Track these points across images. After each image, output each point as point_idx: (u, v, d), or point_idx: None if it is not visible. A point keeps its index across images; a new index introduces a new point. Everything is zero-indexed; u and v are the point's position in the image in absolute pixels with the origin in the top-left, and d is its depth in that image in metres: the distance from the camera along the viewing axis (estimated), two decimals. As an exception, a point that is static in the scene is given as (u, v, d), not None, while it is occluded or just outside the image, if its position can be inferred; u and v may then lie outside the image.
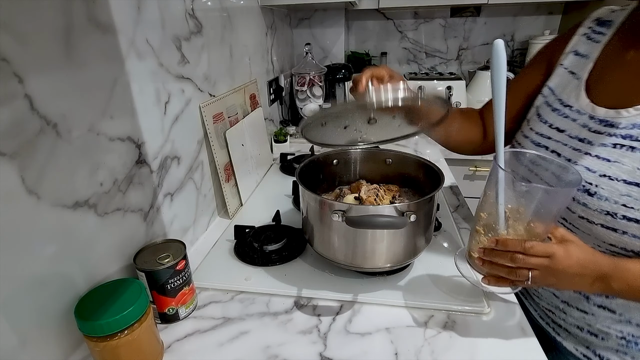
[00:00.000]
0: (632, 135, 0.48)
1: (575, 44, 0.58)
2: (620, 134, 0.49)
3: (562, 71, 0.59)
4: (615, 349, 0.59)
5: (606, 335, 0.59)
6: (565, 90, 0.57)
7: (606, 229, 0.50)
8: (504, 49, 0.42)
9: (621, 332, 0.57)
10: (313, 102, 1.44)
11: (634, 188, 0.47)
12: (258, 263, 0.71)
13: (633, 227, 0.47)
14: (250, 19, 1.11)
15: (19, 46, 0.40)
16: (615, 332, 0.58)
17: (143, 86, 0.61)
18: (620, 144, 0.49)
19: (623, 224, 0.48)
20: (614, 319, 0.57)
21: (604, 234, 0.50)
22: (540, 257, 0.44)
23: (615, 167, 0.49)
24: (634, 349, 0.57)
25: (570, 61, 0.58)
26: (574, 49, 0.58)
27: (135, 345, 0.47)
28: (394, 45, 1.85)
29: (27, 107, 0.42)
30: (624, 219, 0.48)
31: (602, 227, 0.50)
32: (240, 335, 0.56)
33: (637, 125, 0.48)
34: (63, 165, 0.47)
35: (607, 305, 0.57)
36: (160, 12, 0.65)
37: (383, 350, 0.53)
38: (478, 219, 0.52)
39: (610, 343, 0.59)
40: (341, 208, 0.56)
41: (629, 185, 0.47)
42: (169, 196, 0.70)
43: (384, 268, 0.62)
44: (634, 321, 0.56)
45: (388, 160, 0.79)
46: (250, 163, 1.02)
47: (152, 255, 0.56)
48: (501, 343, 0.54)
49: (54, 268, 0.47)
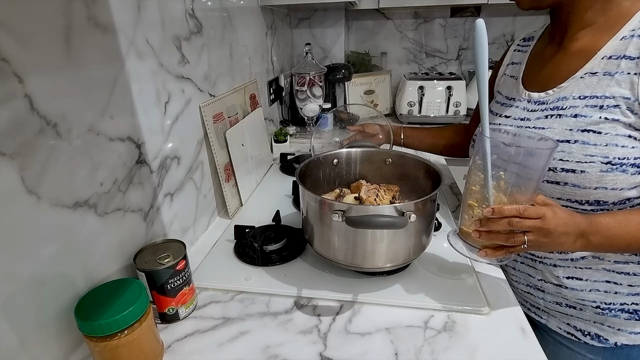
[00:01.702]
0: (557, 106, 0.61)
1: (511, 57, 0.77)
2: (549, 107, 0.62)
3: (505, 78, 0.76)
4: (593, 321, 0.66)
5: (583, 306, 0.66)
6: (509, 89, 0.73)
7: (550, 184, 0.60)
8: (485, 29, 0.48)
9: (594, 302, 0.64)
10: (313, 102, 1.44)
11: (565, 144, 0.57)
12: (258, 263, 0.71)
13: (570, 177, 0.57)
14: (250, 19, 1.11)
15: (19, 46, 0.40)
16: (589, 303, 0.65)
17: (143, 86, 0.61)
18: (550, 114, 0.62)
19: (562, 175, 0.58)
20: (584, 287, 0.64)
21: (550, 188, 0.60)
22: (534, 218, 0.49)
23: (549, 131, 0.60)
24: (609, 315, 0.64)
25: (510, 70, 0.76)
26: (511, 61, 0.76)
27: (135, 345, 0.47)
28: (394, 45, 1.85)
29: (27, 107, 0.42)
30: (562, 171, 0.58)
31: (547, 182, 0.60)
32: (240, 335, 0.56)
33: (560, 99, 0.61)
34: (63, 165, 0.47)
35: (574, 274, 0.65)
36: (160, 12, 0.65)
37: (383, 350, 0.53)
38: (469, 194, 0.55)
39: (587, 314, 0.66)
40: (341, 208, 0.56)
41: (561, 142, 0.57)
42: (169, 196, 0.70)
43: (384, 268, 0.62)
44: (601, 288, 0.63)
45: (388, 160, 0.80)
46: (250, 163, 1.02)
47: (152, 255, 0.56)
48: (501, 343, 0.54)
49: (54, 268, 0.47)
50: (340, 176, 0.81)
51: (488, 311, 0.59)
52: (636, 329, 0.63)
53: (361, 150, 0.81)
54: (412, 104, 1.58)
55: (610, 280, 0.63)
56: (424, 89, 1.57)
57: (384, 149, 0.81)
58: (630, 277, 0.61)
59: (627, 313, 0.63)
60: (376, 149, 0.82)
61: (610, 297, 0.63)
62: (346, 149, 0.82)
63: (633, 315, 0.63)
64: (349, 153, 0.81)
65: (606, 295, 0.63)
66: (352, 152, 0.81)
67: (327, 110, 1.48)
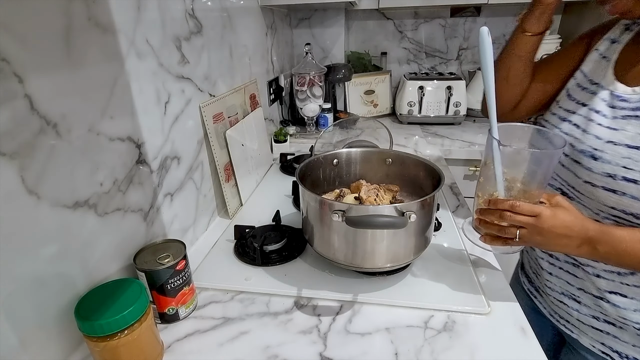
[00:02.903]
0: (639, 107, 0.52)
1: (613, 32, 0.62)
2: (630, 107, 0.53)
3: (596, 56, 0.62)
4: (632, 344, 0.59)
5: (623, 325, 0.58)
6: (596, 71, 0.61)
7: (607, 191, 0.53)
8: (489, 35, 0.48)
9: (638, 323, 0.57)
10: (313, 102, 1.44)
11: (635, 151, 0.51)
12: (258, 263, 0.71)
13: (631, 188, 0.51)
14: (250, 19, 1.11)
15: (19, 46, 0.40)
16: (632, 324, 0.57)
17: (143, 86, 0.61)
18: (628, 115, 0.53)
19: (622, 184, 0.51)
20: (628, 305, 0.57)
21: (605, 196, 0.54)
22: (527, 215, 0.50)
23: (620, 133, 0.53)
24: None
25: (605, 47, 0.62)
26: (611, 37, 0.62)
27: (135, 345, 0.47)
28: (394, 45, 1.85)
29: (27, 107, 0.42)
30: (623, 180, 0.51)
31: (604, 189, 0.54)
32: (240, 335, 0.56)
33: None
34: (63, 165, 0.47)
35: (618, 290, 0.58)
36: (160, 12, 0.65)
37: (383, 350, 0.53)
38: (478, 185, 0.59)
39: (627, 336, 0.59)
40: (341, 208, 0.56)
41: (630, 149, 0.51)
42: (169, 196, 0.70)
43: (384, 268, 0.62)
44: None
45: (388, 160, 0.79)
46: (250, 163, 1.02)
47: (152, 255, 0.56)
48: (501, 343, 0.54)
49: (54, 268, 0.47)
50: (340, 176, 0.81)
51: (488, 311, 0.59)
52: None
53: (361, 150, 0.81)
54: (412, 104, 1.58)
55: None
56: (424, 89, 1.57)
57: (384, 149, 0.81)
58: None
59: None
60: (376, 149, 0.82)
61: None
62: (346, 149, 0.82)
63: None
64: (349, 153, 0.81)
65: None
66: (352, 152, 0.81)
67: (327, 110, 1.49)
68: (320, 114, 1.49)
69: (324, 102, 1.48)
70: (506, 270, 0.75)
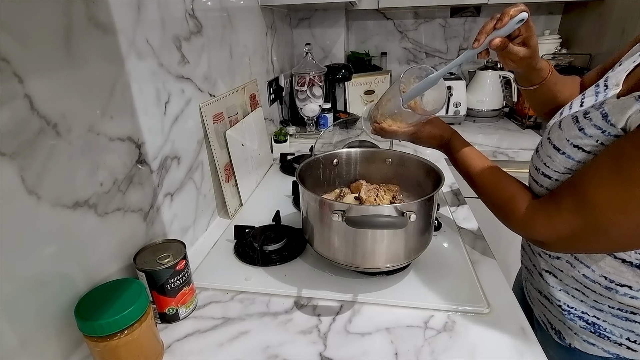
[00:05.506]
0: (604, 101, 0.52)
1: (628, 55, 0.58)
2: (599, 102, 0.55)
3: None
4: (558, 318, 0.63)
5: (551, 300, 0.64)
6: None
7: (555, 149, 0.56)
8: None
9: (559, 300, 0.62)
10: (313, 102, 1.44)
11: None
12: (258, 263, 0.71)
13: (546, 181, 0.57)
14: (250, 19, 1.11)
15: (19, 46, 0.40)
16: (555, 300, 0.62)
17: (143, 86, 0.61)
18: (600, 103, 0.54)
19: (541, 178, 0.58)
20: (555, 285, 0.62)
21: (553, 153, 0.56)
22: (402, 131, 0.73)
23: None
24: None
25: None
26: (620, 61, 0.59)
27: (135, 345, 0.47)
28: (394, 45, 1.85)
29: (27, 107, 0.42)
30: (541, 175, 0.57)
31: (554, 147, 0.57)
32: (240, 335, 0.56)
33: None
34: (63, 165, 0.47)
35: (550, 270, 0.63)
36: (160, 12, 0.65)
37: (383, 350, 0.53)
38: (380, 101, 0.73)
39: (555, 311, 0.63)
40: (341, 208, 0.56)
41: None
42: (169, 196, 0.70)
43: (384, 268, 0.62)
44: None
45: (388, 160, 0.80)
46: (250, 163, 1.02)
47: (152, 255, 0.56)
48: (501, 343, 0.54)
49: (54, 268, 0.47)
50: (340, 176, 0.81)
51: (488, 311, 0.59)
52: None
53: (361, 150, 0.81)
54: (412, 104, 1.58)
55: None
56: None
57: (384, 149, 0.81)
58: None
59: None
60: (376, 149, 0.82)
61: None
62: (346, 149, 0.82)
63: None
64: (349, 153, 0.81)
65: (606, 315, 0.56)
66: (352, 152, 0.81)
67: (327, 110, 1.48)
68: (320, 114, 1.49)
69: (324, 102, 1.48)
70: (506, 270, 0.75)
